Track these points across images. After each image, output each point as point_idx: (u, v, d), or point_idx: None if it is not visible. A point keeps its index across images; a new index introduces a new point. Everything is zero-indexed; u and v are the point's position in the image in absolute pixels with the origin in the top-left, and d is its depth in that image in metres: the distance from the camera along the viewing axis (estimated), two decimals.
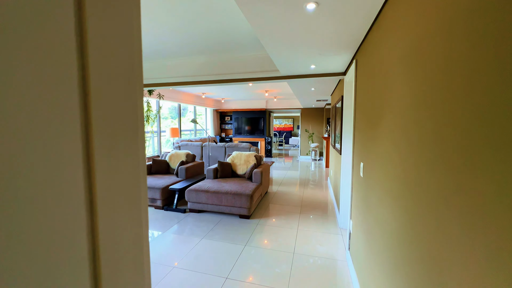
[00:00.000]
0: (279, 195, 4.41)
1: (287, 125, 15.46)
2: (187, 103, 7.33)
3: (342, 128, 3.14)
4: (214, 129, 9.66)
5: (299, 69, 2.82)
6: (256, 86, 5.98)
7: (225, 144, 5.59)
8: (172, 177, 4.17)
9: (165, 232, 2.94)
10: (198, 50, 3.21)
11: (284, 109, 9.20)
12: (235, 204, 3.28)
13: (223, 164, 4.15)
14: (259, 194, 3.66)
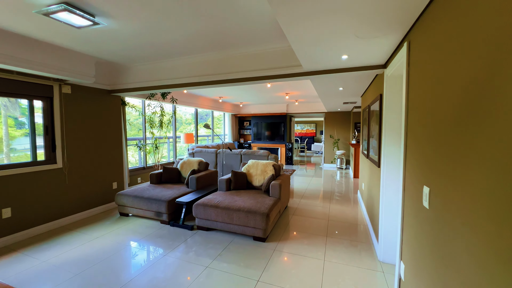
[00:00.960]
0: (301, 211, 3.83)
1: (309, 131, 14.72)
2: (204, 108, 7.07)
3: (381, 134, 2.52)
4: (232, 135, 9.33)
5: (326, 61, 2.29)
6: (275, 89, 5.51)
7: (240, 151, 5.15)
8: (182, 188, 3.81)
9: (167, 254, 2.52)
10: (208, 45, 2.82)
11: (306, 114, 8.59)
12: (248, 223, 2.78)
13: (237, 174, 3.69)
14: (277, 211, 3.14)
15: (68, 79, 3.16)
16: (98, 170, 3.74)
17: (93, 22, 2.02)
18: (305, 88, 5.46)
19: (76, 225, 3.26)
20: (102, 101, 3.80)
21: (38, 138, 3.11)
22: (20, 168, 2.85)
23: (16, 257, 2.46)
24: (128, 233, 3.03)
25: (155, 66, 3.49)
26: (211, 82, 3.17)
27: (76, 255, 2.50)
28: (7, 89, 2.73)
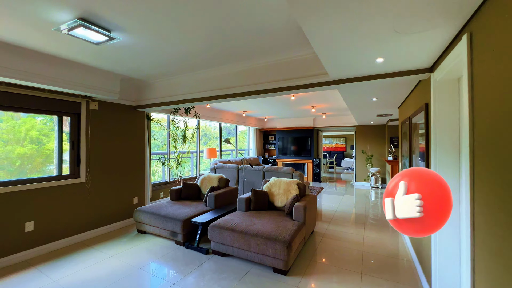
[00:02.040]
0: (330, 239, 3.35)
1: (339, 145, 13.92)
2: (228, 123, 7.03)
3: (429, 152, 2.06)
4: (257, 149, 9.13)
5: (357, 66, 1.97)
6: (300, 101, 5.22)
7: (263, 168, 4.87)
8: (200, 205, 3.62)
9: (177, 283, 2.28)
10: (229, 57, 2.69)
11: (335, 127, 8.07)
12: (267, 252, 2.44)
13: (257, 193, 3.40)
14: (301, 238, 2.74)
15: (95, 96, 3.27)
16: (119, 185, 3.76)
17: (109, 37, 2.01)
18: (332, 100, 5.09)
19: (94, 241, 3.22)
20: (127, 117, 3.88)
21: (64, 153, 3.20)
22: (46, 182, 2.92)
23: (31, 274, 2.43)
24: (142, 254, 2.88)
25: (175, 81, 3.48)
26: (233, 95, 3.02)
27: (87, 276, 2.39)
28: (40, 106, 2.88)
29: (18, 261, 2.66)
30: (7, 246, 2.60)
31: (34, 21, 1.84)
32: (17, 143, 2.92)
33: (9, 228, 2.62)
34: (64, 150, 3.20)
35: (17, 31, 2.02)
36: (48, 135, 3.15)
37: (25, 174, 3.00)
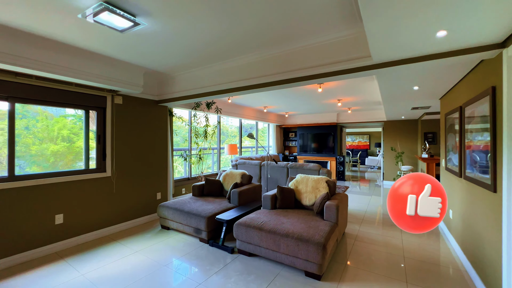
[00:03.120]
0: (364, 241, 3.07)
1: (362, 143, 13.27)
2: (248, 118, 6.88)
3: (496, 145, 1.74)
4: (277, 147, 8.90)
5: (412, 43, 1.69)
6: (327, 94, 4.92)
7: (287, 164, 4.65)
8: (223, 202, 3.50)
9: (202, 283, 2.16)
10: (257, 43, 2.51)
11: (360, 123, 7.62)
12: (298, 254, 2.24)
13: (283, 191, 3.20)
14: (334, 239, 2.51)
15: (120, 90, 3.24)
16: (143, 180, 3.74)
17: (134, 22, 1.91)
18: (363, 92, 4.73)
19: (119, 235, 3.21)
20: (150, 112, 3.85)
21: (91, 150, 3.22)
22: (75, 175, 2.94)
23: (60, 266, 2.43)
24: (166, 250, 2.80)
25: (198, 73, 3.37)
26: (259, 86, 2.83)
27: (113, 271, 2.35)
28: (68, 100, 2.90)
29: (49, 252, 2.70)
30: (39, 238, 2.64)
31: (60, 7, 1.78)
32: (50, 141, 3.03)
33: (41, 220, 2.65)
34: (91, 148, 3.21)
35: (44, 21, 1.99)
36: (77, 133, 3.21)
37: (57, 170, 3.08)
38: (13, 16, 1.91)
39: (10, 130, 2.51)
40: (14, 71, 2.40)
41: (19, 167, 2.78)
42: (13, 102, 2.52)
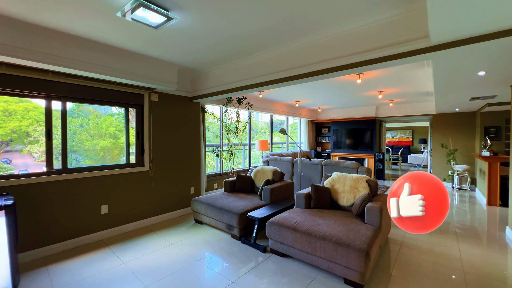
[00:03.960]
0: (411, 250, 2.74)
1: (403, 139, 12.15)
2: (279, 114, 6.71)
3: None
4: (309, 143, 8.58)
5: (488, 14, 1.38)
6: (367, 85, 4.52)
7: (321, 161, 4.40)
8: (255, 199, 3.43)
9: (236, 281, 2.12)
10: (290, 33, 2.35)
11: (403, 117, 6.91)
12: (337, 259, 2.06)
13: (318, 190, 3.01)
14: (377, 246, 2.26)
15: (156, 87, 3.36)
16: (178, 175, 3.86)
17: (167, 17, 1.90)
18: (408, 82, 4.23)
19: (156, 227, 3.36)
20: (184, 108, 3.94)
21: (131, 146, 3.40)
22: (117, 169, 3.14)
23: (105, 253, 2.61)
24: (200, 245, 2.84)
25: (230, 67, 3.32)
26: (293, 78, 2.67)
27: (151, 262, 2.44)
28: (110, 99, 3.08)
29: (96, 239, 2.92)
30: (88, 226, 2.87)
31: (100, 7, 1.84)
32: (100, 137, 3.34)
33: (89, 210, 2.89)
34: (131, 143, 3.40)
35: (88, 23, 2.09)
36: (121, 130, 3.45)
37: (104, 164, 3.38)
38: (62, 20, 2.04)
39: (63, 127, 2.74)
40: (65, 72, 2.61)
41: (75, 160, 3.11)
42: (65, 101, 2.75)
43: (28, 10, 1.90)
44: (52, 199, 2.61)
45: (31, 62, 2.24)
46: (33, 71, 2.45)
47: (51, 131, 2.66)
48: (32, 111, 3.13)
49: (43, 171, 2.62)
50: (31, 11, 1.91)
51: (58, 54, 2.34)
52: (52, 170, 2.66)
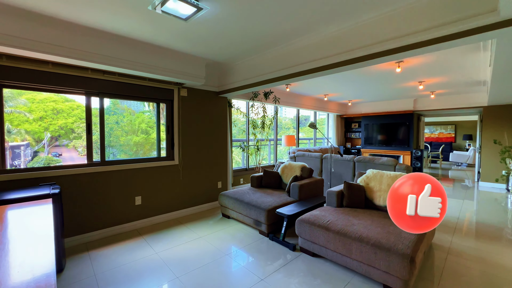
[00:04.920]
0: (462, 258, 2.43)
1: (444, 134, 11.07)
2: (306, 108, 6.48)
3: None
4: (337, 138, 8.20)
5: None
6: (406, 75, 4.12)
7: (353, 158, 4.14)
8: (282, 195, 3.34)
9: (264, 279, 2.06)
10: (325, 16, 2.18)
11: (447, 110, 6.24)
12: (375, 263, 1.89)
13: (351, 188, 2.81)
14: (422, 251, 2.03)
15: (185, 82, 3.40)
16: (205, 169, 3.90)
17: (197, 7, 1.86)
18: (457, 69, 3.76)
19: (186, 219, 3.44)
20: (211, 103, 3.96)
21: (162, 142, 3.51)
22: (150, 162, 3.25)
23: (139, 242, 2.73)
24: (227, 239, 2.83)
25: (258, 60, 3.22)
26: (326, 67, 2.50)
27: (181, 253, 2.49)
28: (142, 94, 3.18)
29: (131, 229, 3.07)
30: (124, 216, 3.03)
31: (128, 1, 1.86)
32: (133, 133, 3.53)
33: (125, 200, 3.04)
34: (161, 138, 3.51)
35: (122, 19, 2.14)
36: (152, 126, 3.60)
37: (137, 157, 3.56)
38: (98, 17, 2.12)
39: (101, 123, 2.90)
40: (102, 69, 2.74)
41: (112, 155, 3.32)
42: (102, 97, 2.89)
43: (67, 9, 2.00)
44: (92, 189, 2.78)
45: (74, 60, 2.38)
46: (75, 69, 2.61)
47: (91, 126, 2.83)
48: (76, 109, 3.38)
49: (85, 163, 2.80)
50: (70, 10, 2.00)
51: (97, 51, 2.45)
52: (92, 162, 2.83)
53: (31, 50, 2.11)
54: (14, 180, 2.32)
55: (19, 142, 4.05)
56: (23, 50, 2.09)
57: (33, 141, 3.97)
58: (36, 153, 4.07)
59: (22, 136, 3.95)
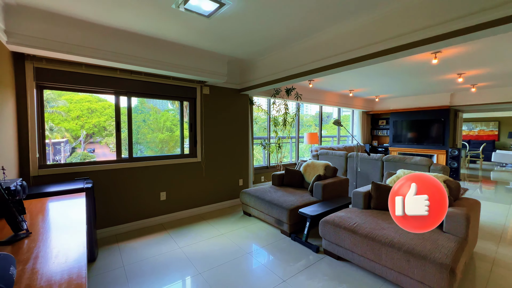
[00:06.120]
0: (506, 269, 2.17)
1: (485, 132, 10.07)
2: (329, 105, 6.25)
3: None
4: (363, 136, 7.81)
5: None
6: (443, 67, 3.76)
7: (382, 157, 3.90)
8: (305, 194, 3.24)
9: (287, 281, 2.00)
10: (348, 10, 2.05)
11: (491, 105, 5.63)
12: (408, 272, 1.74)
13: (380, 189, 2.64)
14: (463, 262, 1.83)
15: (207, 80, 3.42)
16: (227, 166, 3.92)
17: (219, 3, 1.83)
18: (503, 59, 3.35)
19: (208, 216, 3.49)
20: (232, 100, 3.96)
21: (185, 139, 3.58)
22: (174, 159, 3.34)
23: (164, 237, 2.82)
24: (249, 237, 2.82)
25: (280, 55, 3.13)
26: (352, 61, 2.35)
27: (204, 249, 2.52)
28: (167, 93, 3.26)
29: (156, 223, 3.19)
30: (150, 210, 3.15)
31: (152, 1, 1.88)
32: (159, 131, 3.67)
33: (151, 195, 3.16)
34: (185, 136, 3.58)
35: (145, 19, 2.19)
36: (176, 124, 3.72)
37: (163, 154, 3.69)
38: (126, 18, 2.19)
39: (129, 121, 3.02)
40: (130, 69, 2.85)
41: (140, 151, 3.47)
42: (130, 96, 3.01)
43: (98, 12, 2.09)
44: (121, 184, 2.92)
45: (105, 61, 2.50)
46: (105, 70, 2.74)
47: (119, 124, 2.96)
48: (107, 108, 3.57)
49: (114, 159, 2.95)
50: (99, 12, 2.09)
51: (125, 52, 2.55)
52: (121, 158, 2.98)
53: (67, 53, 2.25)
54: (53, 175, 2.51)
55: (60, 139, 4.41)
56: (61, 53, 2.24)
57: (71, 138, 4.30)
58: (74, 149, 4.41)
59: (62, 134, 4.29)
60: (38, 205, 1.61)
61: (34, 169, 2.40)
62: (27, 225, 1.21)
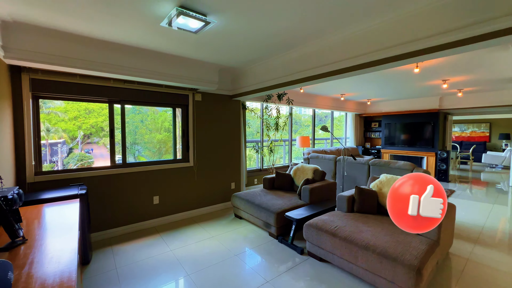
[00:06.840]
0: (481, 270, 2.30)
1: (476, 134, 10.26)
2: (322, 108, 6.38)
3: None
4: (356, 138, 7.96)
5: None
6: (426, 75, 3.91)
7: (368, 161, 4.03)
8: (293, 198, 3.37)
9: (271, 281, 2.13)
10: (333, 24, 2.17)
11: (478, 109, 5.79)
12: (381, 273, 1.87)
13: (363, 193, 2.77)
14: (434, 262, 1.97)
15: (199, 88, 3.54)
16: (219, 170, 4.04)
17: (205, 22, 1.95)
18: (483, 67, 3.49)
19: (200, 219, 3.61)
20: (224, 106, 4.07)
21: (179, 144, 3.70)
22: (166, 164, 3.45)
23: (157, 239, 2.93)
24: (238, 240, 2.94)
25: (271, 64, 3.25)
26: (338, 72, 2.48)
27: (194, 252, 2.64)
28: (160, 100, 3.38)
29: (149, 226, 3.30)
30: (143, 214, 3.26)
31: (145, 19, 2.00)
32: (157, 131, 3.77)
33: (144, 199, 3.27)
34: (177, 141, 3.69)
35: (137, 33, 2.31)
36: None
37: (161, 154, 3.86)
38: (119, 33, 2.30)
39: (122, 127, 3.13)
40: (123, 79, 2.96)
41: (137, 152, 3.59)
42: (123, 104, 3.12)
43: (91, 28, 2.20)
44: (115, 189, 3.03)
45: (98, 72, 2.61)
46: (99, 79, 2.85)
47: (113, 131, 3.07)
48: (105, 109, 3.66)
49: (108, 165, 3.05)
50: (93, 28, 2.20)
51: (118, 63, 2.66)
52: (115, 164, 3.09)
53: (62, 66, 2.36)
54: (49, 181, 2.62)
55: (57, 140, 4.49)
56: (56, 66, 2.35)
57: (68, 138, 4.39)
58: (71, 150, 4.49)
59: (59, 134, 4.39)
60: (34, 212, 1.73)
61: (30, 176, 2.51)
62: (23, 232, 1.32)
